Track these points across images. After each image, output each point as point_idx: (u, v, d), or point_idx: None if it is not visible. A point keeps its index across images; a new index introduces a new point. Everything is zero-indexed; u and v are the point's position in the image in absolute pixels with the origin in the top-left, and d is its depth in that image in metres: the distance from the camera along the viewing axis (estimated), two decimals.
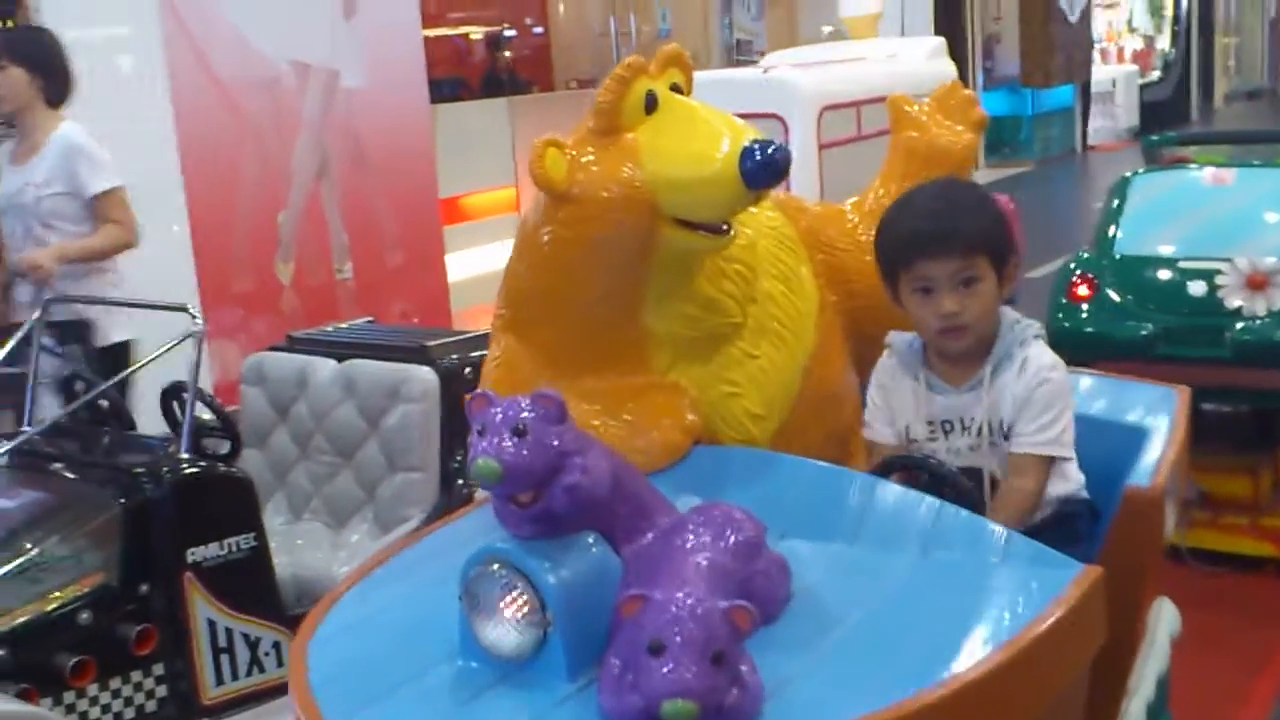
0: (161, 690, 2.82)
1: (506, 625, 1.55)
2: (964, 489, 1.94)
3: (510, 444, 1.51)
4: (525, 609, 1.54)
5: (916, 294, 2.08)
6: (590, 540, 1.61)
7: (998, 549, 1.75)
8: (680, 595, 1.41)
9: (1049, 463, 2.07)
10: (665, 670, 1.35)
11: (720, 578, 1.53)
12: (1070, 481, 2.14)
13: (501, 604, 1.55)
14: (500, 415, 1.54)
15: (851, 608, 1.65)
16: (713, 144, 1.84)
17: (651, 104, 1.90)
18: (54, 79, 4.08)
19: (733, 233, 1.94)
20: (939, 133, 2.43)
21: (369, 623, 1.75)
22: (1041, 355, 2.10)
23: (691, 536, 1.61)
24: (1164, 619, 2.29)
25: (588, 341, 2.00)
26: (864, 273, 2.29)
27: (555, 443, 1.54)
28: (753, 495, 1.78)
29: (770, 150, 1.81)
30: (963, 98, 2.50)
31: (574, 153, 1.89)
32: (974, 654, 1.50)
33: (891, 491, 1.86)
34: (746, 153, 1.80)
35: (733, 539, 1.61)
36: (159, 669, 2.81)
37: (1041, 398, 2.06)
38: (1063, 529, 2.04)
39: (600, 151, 1.88)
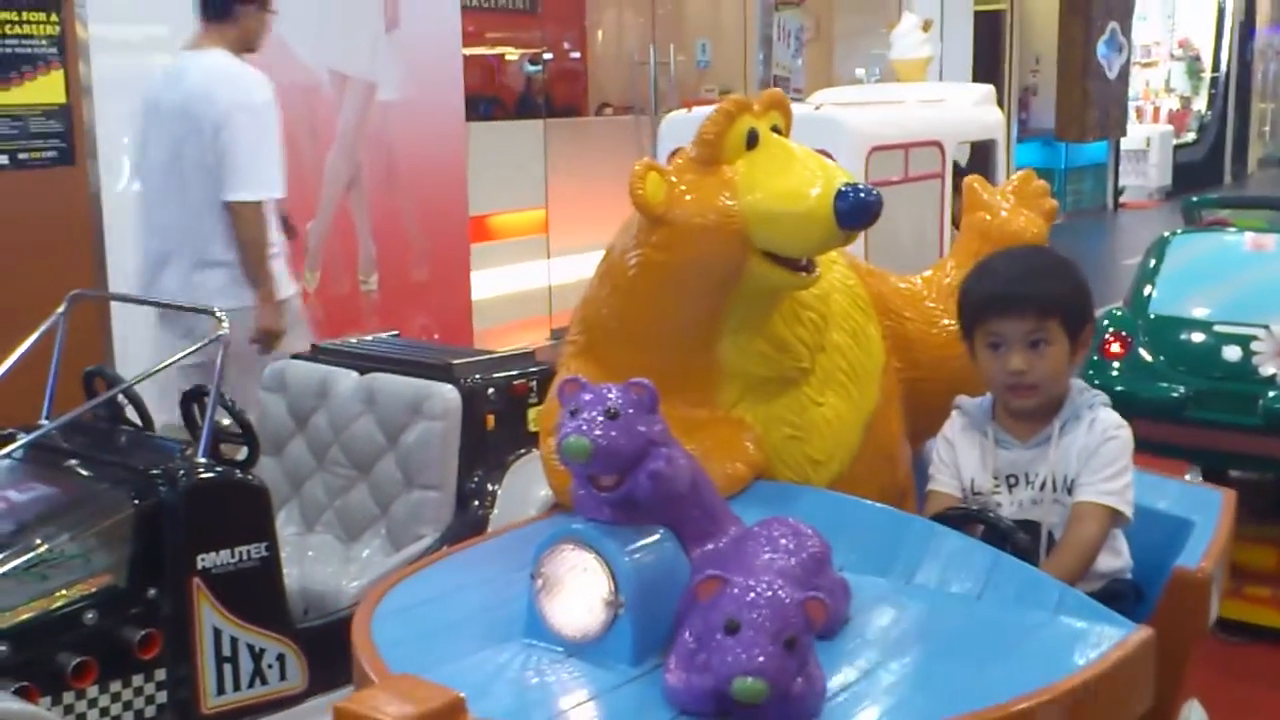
0: (162, 696, 2.78)
1: (576, 605, 1.57)
2: (1020, 543, 1.98)
3: (602, 425, 1.54)
4: (598, 590, 1.56)
5: (987, 350, 2.16)
6: (662, 533, 1.64)
7: (1051, 601, 1.77)
8: (757, 581, 1.44)
9: (1111, 515, 2.10)
10: (739, 649, 1.37)
11: (790, 581, 1.54)
12: (1121, 558, 2.17)
13: (574, 584, 1.57)
14: (593, 397, 1.58)
15: (904, 639, 1.69)
16: (809, 182, 1.91)
17: (753, 140, 1.97)
18: None
19: (817, 273, 1.99)
20: (1011, 217, 2.52)
21: (435, 602, 1.79)
22: (1110, 416, 2.17)
23: (764, 543, 1.66)
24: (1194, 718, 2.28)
25: (660, 369, 2.03)
26: (928, 345, 2.37)
27: (644, 429, 1.57)
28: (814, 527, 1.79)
29: (863, 193, 1.88)
30: (1037, 187, 2.60)
31: (674, 178, 1.95)
32: (1019, 690, 1.51)
33: (949, 538, 1.90)
34: (841, 194, 1.87)
35: (802, 552, 1.65)
36: (161, 674, 2.77)
37: (1108, 452, 2.11)
38: (1110, 606, 2.03)
39: (699, 180, 1.95)
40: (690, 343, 2.03)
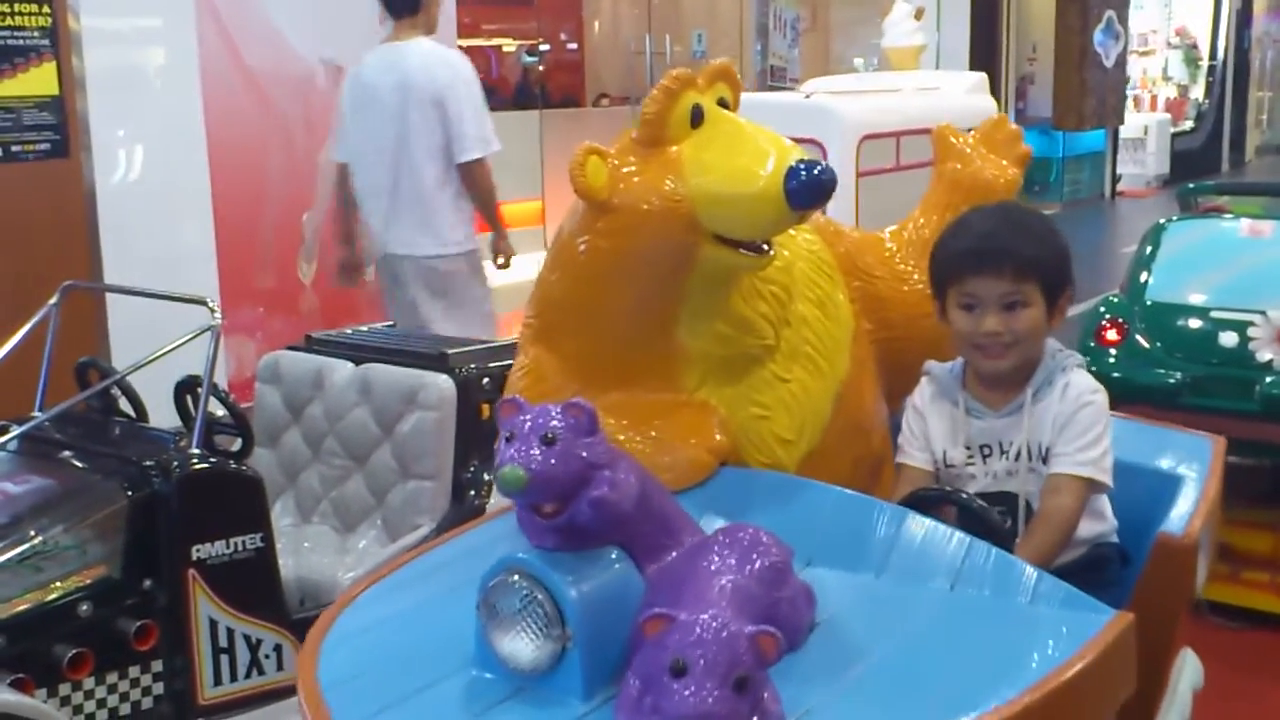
0: (158, 687, 2.77)
1: (524, 638, 1.52)
2: (994, 523, 1.90)
3: (538, 452, 1.48)
4: (544, 622, 1.50)
5: (961, 310, 2.08)
6: (614, 555, 1.58)
7: (1027, 589, 1.71)
8: (705, 617, 1.37)
9: (1087, 485, 2.04)
10: (686, 692, 1.32)
11: (745, 601, 1.49)
12: (1104, 522, 2.11)
13: (520, 616, 1.52)
14: (529, 423, 1.51)
15: (876, 641, 1.61)
16: (758, 161, 1.80)
17: (698, 118, 1.87)
18: None
19: (772, 252, 1.90)
20: (983, 166, 2.42)
21: (383, 627, 1.72)
22: (1084, 380, 2.09)
23: (717, 558, 1.57)
24: (1187, 670, 2.25)
25: (618, 355, 1.97)
26: (900, 303, 2.28)
27: (584, 454, 1.51)
28: (779, 519, 1.74)
29: (816, 170, 1.78)
30: (1009, 132, 2.50)
31: (616, 162, 1.86)
32: (999, 695, 1.46)
33: (920, 524, 1.82)
34: (792, 172, 1.76)
35: (759, 563, 1.57)
36: (157, 666, 2.77)
37: (1083, 419, 2.04)
38: (1093, 572, 2.02)
39: (643, 162, 1.86)
40: (648, 327, 1.94)
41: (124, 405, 3.36)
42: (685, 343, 1.96)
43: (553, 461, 1.48)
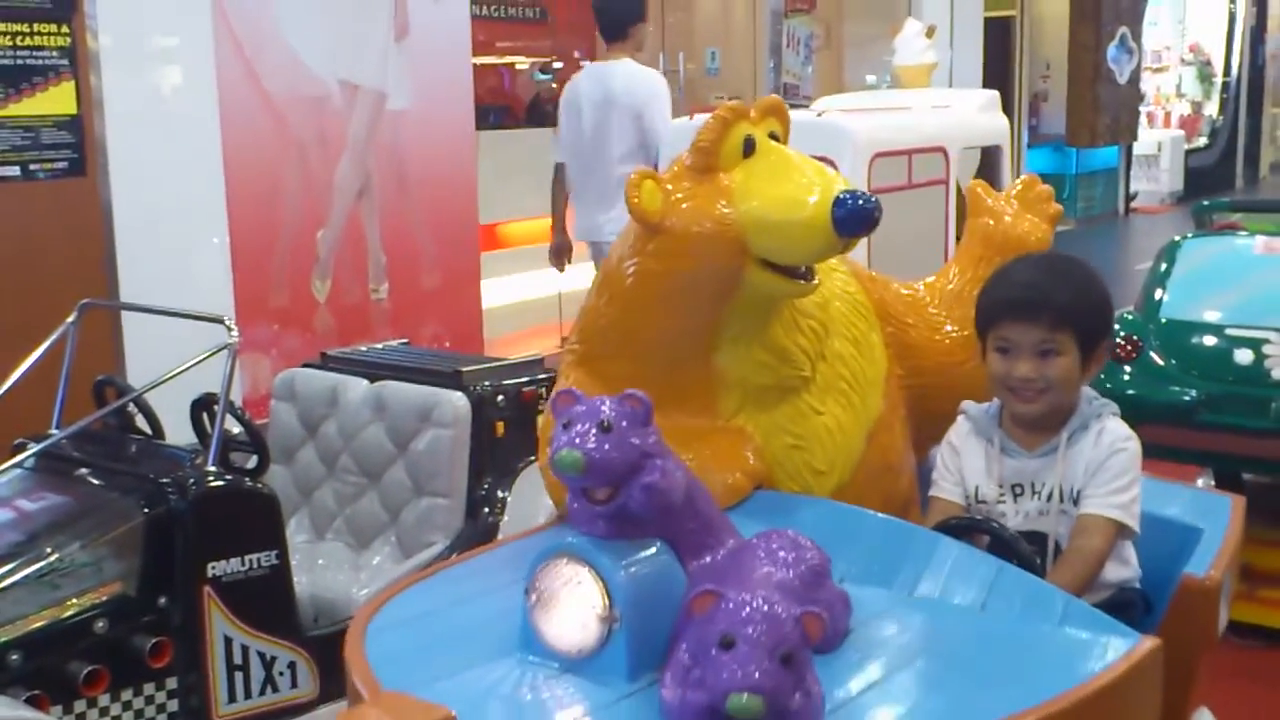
0: (173, 705, 2.78)
1: (571, 620, 1.55)
2: (1024, 553, 1.94)
3: (594, 438, 1.53)
4: (592, 605, 1.54)
5: (997, 354, 2.13)
6: (658, 547, 1.62)
7: (1056, 613, 1.74)
8: (752, 595, 1.42)
9: (1116, 528, 2.07)
10: (734, 665, 1.35)
11: (788, 593, 1.53)
12: (1129, 568, 2.14)
13: (568, 598, 1.55)
14: (586, 410, 1.56)
15: (906, 651, 1.66)
16: (806, 189, 1.88)
17: (749, 148, 1.95)
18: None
19: (816, 280, 1.97)
20: (1015, 222, 2.48)
21: (429, 617, 1.77)
22: (1119, 427, 2.14)
23: (761, 554, 1.63)
24: None
25: (659, 379, 2.00)
26: (931, 351, 2.34)
27: (638, 442, 1.56)
28: (815, 538, 1.77)
29: (861, 200, 1.85)
30: (1040, 191, 2.56)
31: (670, 187, 1.93)
32: (1028, 702, 1.49)
33: (953, 548, 1.86)
34: (839, 201, 1.84)
35: (799, 565, 1.62)
36: (172, 683, 2.78)
37: (1115, 465, 2.08)
38: (1117, 615, 2.01)
39: (695, 188, 1.93)
40: (689, 352, 2.01)
41: (141, 423, 3.37)
42: (725, 369, 2.03)
43: (608, 447, 1.53)
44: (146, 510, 2.81)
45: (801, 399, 2.05)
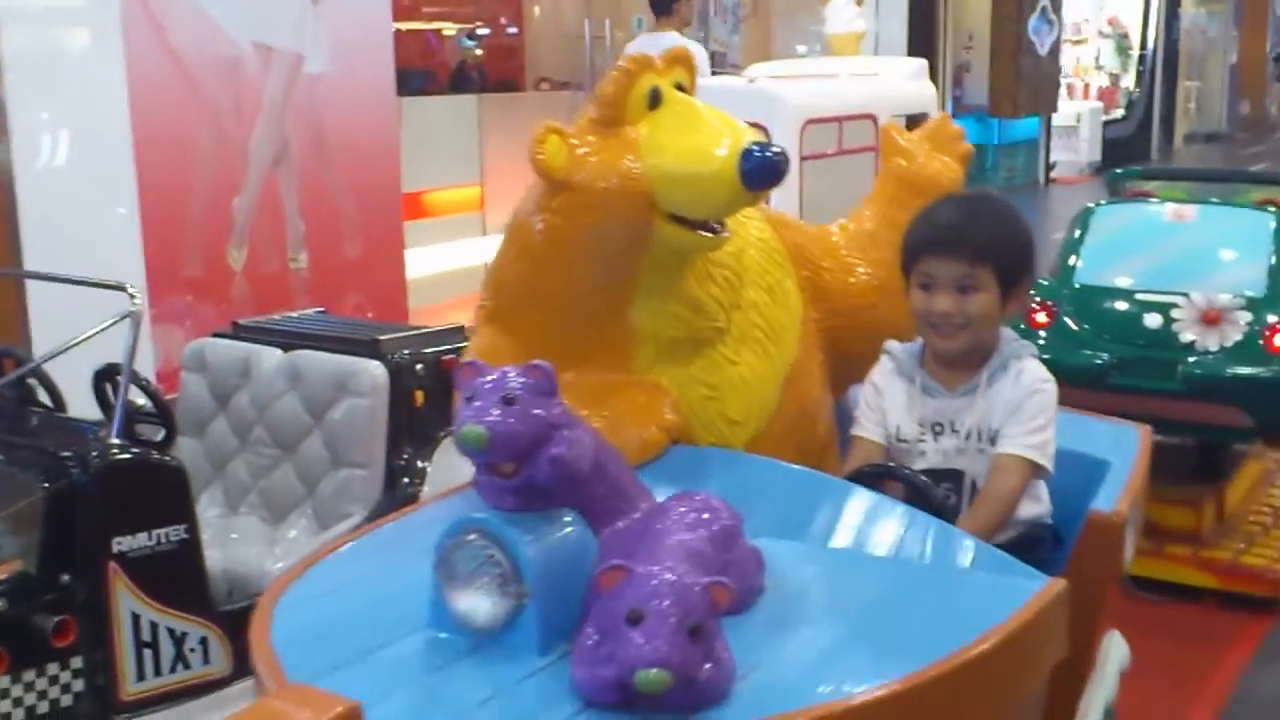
0: (78, 684, 2.71)
1: (481, 595, 1.53)
2: (938, 499, 1.97)
3: (498, 411, 1.50)
4: (501, 579, 1.52)
5: (919, 289, 2.16)
6: (569, 518, 1.60)
7: (967, 558, 1.77)
8: (660, 568, 1.41)
9: (1031, 468, 2.11)
10: (641, 640, 1.34)
11: (696, 561, 1.52)
12: (1040, 504, 2.19)
13: (477, 574, 1.53)
14: (490, 383, 1.53)
15: (820, 606, 1.67)
16: (713, 142, 1.86)
17: (655, 100, 1.92)
18: None
19: (726, 233, 1.95)
20: (927, 162, 2.49)
21: (339, 592, 1.74)
22: (1038, 368, 2.18)
23: (670, 521, 1.61)
24: (1114, 651, 2.32)
25: (571, 334, 2.00)
26: (846, 293, 2.34)
27: (543, 413, 1.53)
28: (728, 493, 1.77)
29: (769, 152, 1.83)
30: (952, 131, 2.58)
31: (574, 141, 1.89)
32: (937, 653, 1.50)
33: (865, 498, 1.88)
34: (746, 153, 1.82)
35: (710, 526, 1.61)
36: (77, 662, 2.71)
37: (1033, 406, 2.12)
38: (1028, 551, 2.06)
39: (601, 142, 1.89)
40: (601, 306, 1.98)
41: (43, 396, 3.28)
42: (638, 323, 2.01)
43: (512, 420, 1.50)
44: (47, 485, 2.73)
45: (716, 350, 2.04)
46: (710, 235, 1.93)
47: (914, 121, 5.73)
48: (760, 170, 1.82)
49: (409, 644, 1.56)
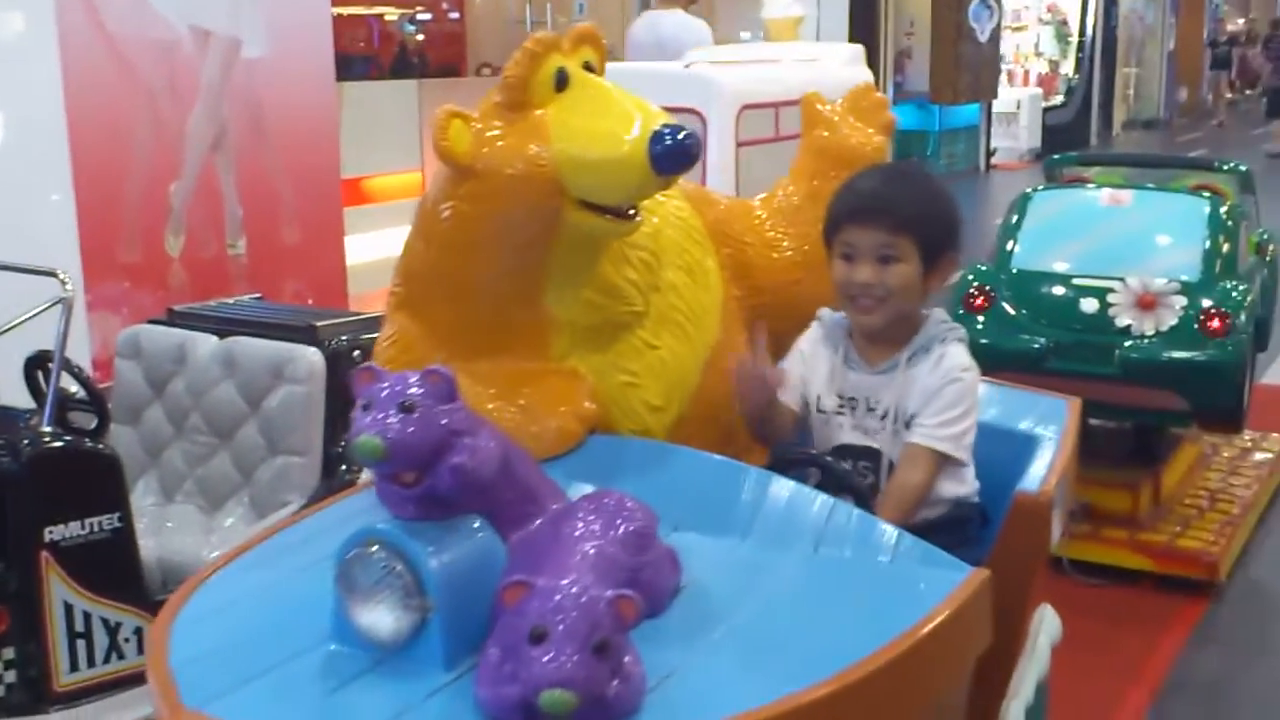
0: (10, 675, 2.69)
1: (383, 609, 1.48)
2: (858, 486, 1.94)
3: (396, 420, 1.45)
4: (403, 593, 1.47)
5: (840, 260, 2.11)
6: (475, 525, 1.55)
7: (888, 548, 1.74)
8: (564, 583, 1.36)
9: (941, 459, 2.07)
10: (545, 659, 1.30)
11: (608, 567, 1.49)
12: (965, 485, 2.15)
13: (379, 587, 1.48)
14: (387, 390, 1.47)
15: (740, 603, 1.62)
16: (623, 126, 1.80)
17: (562, 82, 1.86)
18: None
19: (639, 218, 1.89)
20: (849, 133, 2.43)
21: (238, 605, 1.67)
22: (959, 355, 2.11)
23: (580, 524, 1.56)
24: (1046, 625, 2.30)
25: (485, 323, 1.95)
26: (769, 269, 2.29)
27: (443, 421, 1.48)
28: (646, 486, 1.74)
29: (680, 135, 1.77)
30: (874, 100, 2.52)
31: (479, 126, 1.83)
32: (859, 652, 1.48)
33: (785, 487, 1.84)
34: (656, 137, 1.76)
35: (623, 528, 1.57)
36: (9, 653, 2.68)
37: (950, 394, 2.07)
38: (955, 531, 2.05)
39: (507, 127, 1.83)
40: (515, 294, 1.92)
41: None
42: (552, 310, 1.95)
43: (411, 429, 1.45)
44: None
45: (635, 334, 1.99)
46: (622, 221, 1.87)
47: None
48: (670, 154, 1.76)
49: (310, 660, 1.51)
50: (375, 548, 1.49)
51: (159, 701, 1.46)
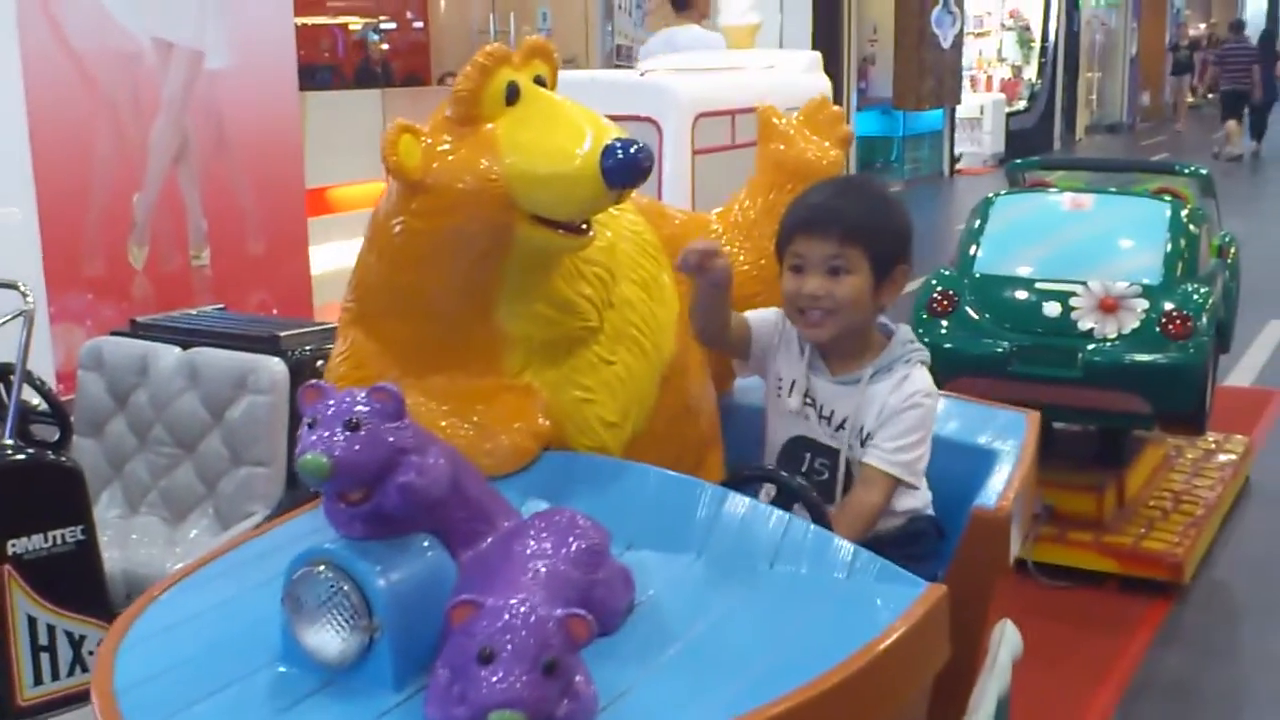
0: None
1: (330, 630, 1.47)
2: (814, 503, 1.93)
3: (342, 438, 1.44)
4: (350, 613, 1.46)
5: (790, 272, 2.10)
6: (425, 543, 1.54)
7: (844, 565, 1.73)
8: (514, 602, 1.35)
9: (895, 483, 2.07)
10: (494, 679, 1.29)
11: (560, 586, 1.47)
12: (917, 499, 2.15)
13: (326, 607, 1.47)
14: (333, 408, 1.46)
15: (694, 621, 1.61)
16: (574, 140, 1.78)
17: (513, 95, 1.84)
18: None
19: (591, 233, 1.88)
20: (806, 146, 2.44)
21: (187, 625, 1.65)
22: (922, 379, 2.11)
23: (532, 542, 1.55)
24: (1006, 640, 2.30)
25: (438, 339, 1.93)
26: None
27: (390, 439, 1.47)
28: (601, 503, 1.73)
29: (632, 149, 1.76)
30: (830, 114, 2.52)
31: (429, 140, 1.82)
32: (815, 669, 1.47)
33: (741, 504, 1.82)
34: (608, 151, 1.75)
35: (575, 546, 1.55)
36: None
37: (909, 419, 2.07)
38: (910, 545, 2.05)
39: (457, 141, 1.82)
40: (467, 309, 1.90)
41: None
42: (506, 325, 1.93)
43: (357, 447, 1.44)
44: None
45: (590, 350, 1.97)
46: (575, 236, 1.86)
47: None
48: (623, 168, 1.75)
49: (257, 681, 1.50)
50: (322, 567, 1.48)
51: None
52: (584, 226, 1.87)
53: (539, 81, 1.89)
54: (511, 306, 1.91)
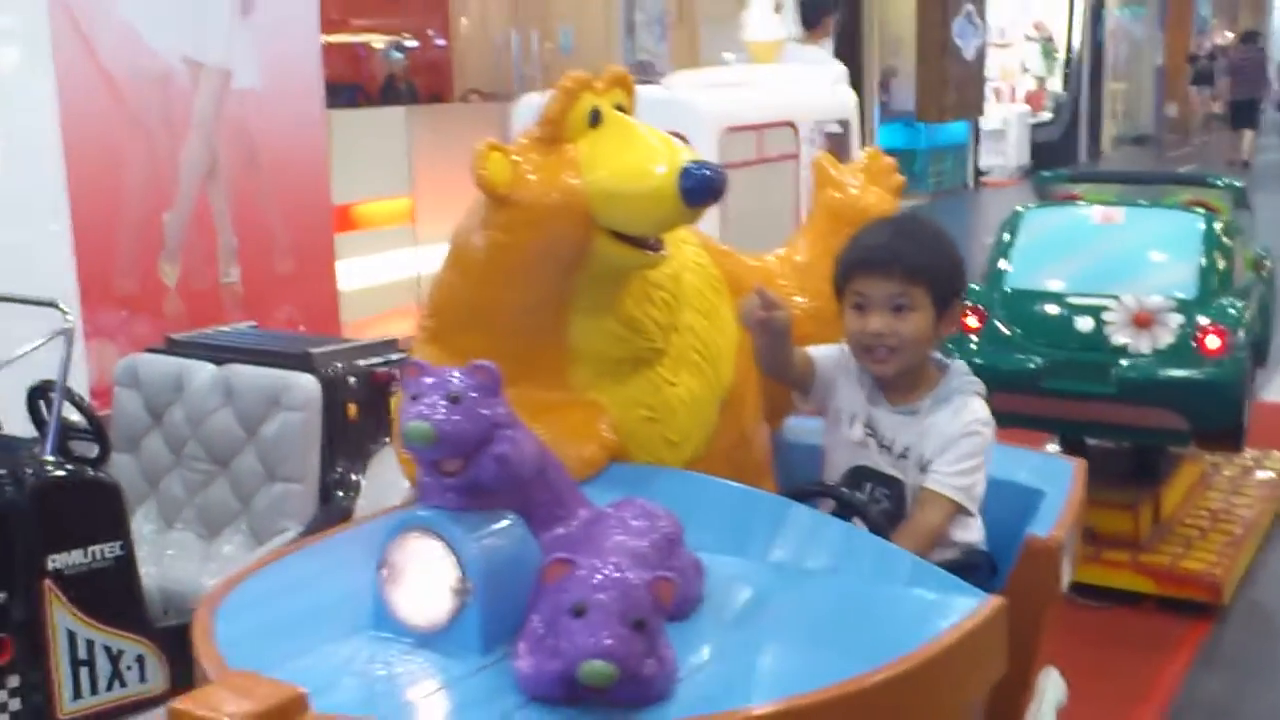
0: (15, 703, 2.68)
1: (423, 594, 1.53)
2: (873, 516, 1.99)
3: (443, 409, 1.51)
4: (445, 577, 1.52)
5: (852, 310, 2.17)
6: (511, 519, 1.60)
7: (905, 574, 1.79)
8: (604, 563, 1.42)
9: (955, 507, 2.11)
10: (586, 632, 1.35)
11: (640, 560, 1.53)
12: (973, 532, 2.18)
13: (420, 572, 1.53)
14: (435, 381, 1.54)
15: (759, 616, 1.67)
16: (653, 160, 1.90)
17: (595, 119, 1.95)
18: None
19: (665, 251, 1.97)
20: (861, 194, 2.53)
21: (280, 596, 1.73)
22: (978, 409, 2.17)
23: (613, 525, 1.63)
24: (1051, 688, 2.32)
25: (510, 352, 1.98)
26: None
27: (487, 413, 1.54)
28: (668, 508, 1.77)
29: (709, 171, 1.87)
30: (885, 164, 2.62)
31: (517, 158, 1.91)
32: (876, 661, 1.52)
33: (803, 513, 1.89)
34: (686, 171, 1.85)
35: (652, 533, 1.62)
36: (13, 681, 2.68)
37: (967, 446, 2.12)
38: (965, 576, 2.06)
39: (542, 159, 1.92)
40: (540, 325, 2.00)
41: None
42: (577, 341, 2.02)
43: (458, 418, 1.51)
44: None
45: (654, 371, 2.05)
46: (649, 253, 1.95)
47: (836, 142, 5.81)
48: (699, 187, 1.85)
49: (351, 643, 1.56)
50: (417, 534, 1.55)
51: (206, 669, 1.51)
52: (657, 244, 1.96)
53: (619, 109, 2.00)
54: (583, 322, 2.00)
